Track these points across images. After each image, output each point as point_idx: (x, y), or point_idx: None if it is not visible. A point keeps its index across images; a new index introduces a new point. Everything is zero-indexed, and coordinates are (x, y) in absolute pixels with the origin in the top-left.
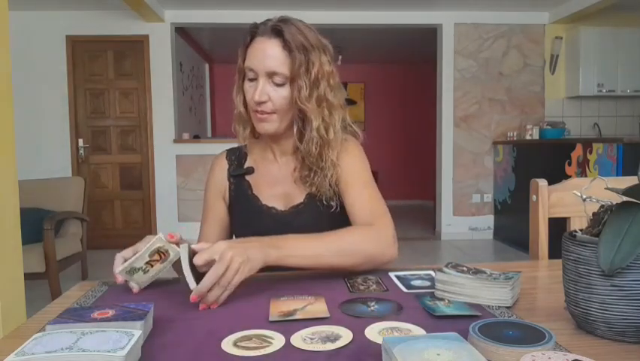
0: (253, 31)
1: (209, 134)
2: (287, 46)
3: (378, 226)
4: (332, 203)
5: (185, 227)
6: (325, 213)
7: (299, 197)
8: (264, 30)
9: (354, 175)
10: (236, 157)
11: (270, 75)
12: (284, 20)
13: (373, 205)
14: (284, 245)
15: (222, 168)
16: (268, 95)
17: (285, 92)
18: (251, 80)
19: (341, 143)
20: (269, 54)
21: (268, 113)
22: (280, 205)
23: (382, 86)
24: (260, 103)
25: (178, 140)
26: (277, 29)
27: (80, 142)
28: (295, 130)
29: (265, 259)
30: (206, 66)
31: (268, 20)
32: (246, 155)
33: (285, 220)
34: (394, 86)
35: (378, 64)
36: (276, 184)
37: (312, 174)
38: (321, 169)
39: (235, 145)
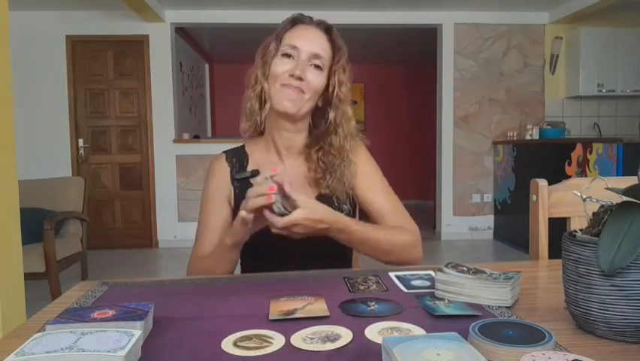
0: (297, 19)
1: (209, 134)
2: (332, 41)
3: (417, 235)
4: (345, 207)
5: (185, 227)
6: None
7: None
8: (310, 21)
9: (375, 180)
10: (237, 159)
11: (313, 57)
12: (327, 22)
13: (400, 210)
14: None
15: (223, 171)
16: (306, 75)
17: (322, 77)
18: (287, 56)
19: (355, 143)
20: (316, 38)
21: (301, 91)
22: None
23: (382, 86)
24: (298, 78)
25: (178, 140)
26: (325, 25)
27: (80, 142)
28: (324, 123)
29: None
30: (206, 66)
31: (311, 17)
32: (247, 156)
33: None
34: (394, 86)
35: (378, 64)
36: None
37: (327, 176)
38: (337, 167)
39: (232, 146)
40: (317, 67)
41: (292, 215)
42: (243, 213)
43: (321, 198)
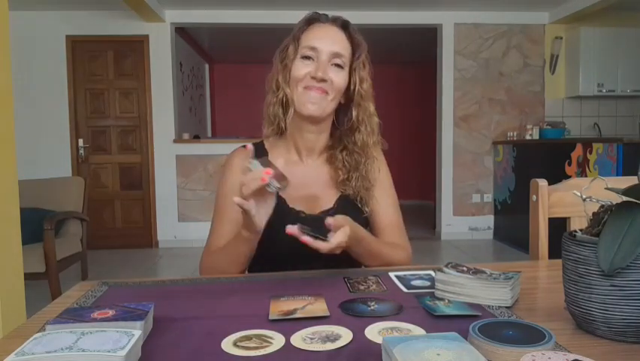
0: (313, 18)
1: (209, 134)
2: (351, 38)
3: (409, 254)
4: (366, 209)
5: (185, 227)
6: (356, 220)
7: (329, 201)
8: (326, 19)
9: (388, 193)
10: (256, 154)
11: (333, 56)
12: (343, 18)
13: (401, 227)
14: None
15: (242, 164)
16: (328, 75)
17: (344, 76)
18: (307, 58)
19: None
20: (335, 36)
21: (324, 92)
22: (306, 209)
23: (382, 86)
24: (321, 80)
25: (178, 140)
26: (342, 21)
27: (80, 142)
28: (346, 120)
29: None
30: (206, 66)
31: (327, 14)
32: (267, 153)
33: (314, 225)
34: (394, 86)
35: (378, 64)
36: (303, 187)
37: (352, 176)
38: (362, 165)
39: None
40: (338, 66)
41: (337, 238)
42: (236, 199)
43: (344, 198)
